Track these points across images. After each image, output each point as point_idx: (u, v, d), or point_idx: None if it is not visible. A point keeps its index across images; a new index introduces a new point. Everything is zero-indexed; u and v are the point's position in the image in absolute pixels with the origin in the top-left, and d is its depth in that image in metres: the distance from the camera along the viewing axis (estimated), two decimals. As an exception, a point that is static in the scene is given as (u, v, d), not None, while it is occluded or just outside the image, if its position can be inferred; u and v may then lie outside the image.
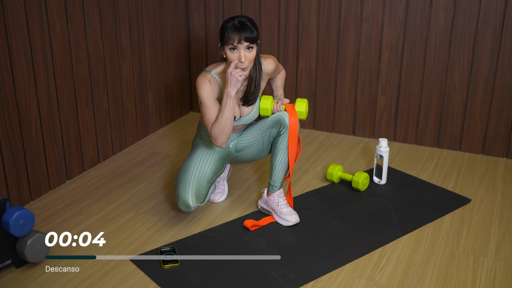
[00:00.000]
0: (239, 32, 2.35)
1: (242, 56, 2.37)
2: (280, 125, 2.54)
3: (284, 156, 2.55)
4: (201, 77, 2.46)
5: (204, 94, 2.43)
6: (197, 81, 2.46)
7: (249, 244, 2.43)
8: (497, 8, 3.09)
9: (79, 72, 2.93)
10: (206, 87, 2.43)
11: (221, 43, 2.42)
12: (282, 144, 2.55)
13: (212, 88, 2.45)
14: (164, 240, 2.46)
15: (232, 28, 2.37)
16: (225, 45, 2.38)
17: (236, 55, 2.38)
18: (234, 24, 2.38)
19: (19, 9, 2.53)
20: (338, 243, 2.44)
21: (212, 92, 2.45)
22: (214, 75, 2.48)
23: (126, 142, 3.40)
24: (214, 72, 2.49)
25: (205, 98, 2.43)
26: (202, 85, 2.44)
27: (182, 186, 2.48)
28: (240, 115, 2.60)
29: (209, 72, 2.48)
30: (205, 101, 2.44)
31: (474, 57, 3.22)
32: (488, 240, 2.49)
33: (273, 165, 2.59)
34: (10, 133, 2.59)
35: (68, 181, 2.98)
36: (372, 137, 3.60)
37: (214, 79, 2.47)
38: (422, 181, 3.02)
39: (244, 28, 2.36)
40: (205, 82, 2.44)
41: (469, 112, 3.33)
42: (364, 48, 3.43)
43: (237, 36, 2.35)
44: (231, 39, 2.36)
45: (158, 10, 3.49)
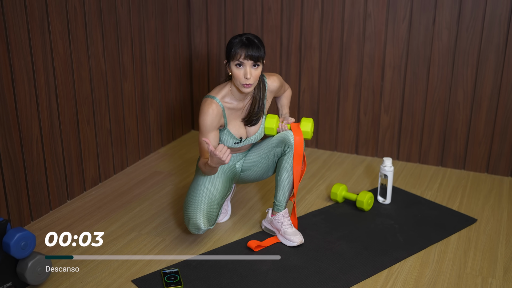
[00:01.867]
0: (246, 48, 2.34)
1: (248, 72, 2.35)
2: (285, 144, 2.52)
3: (289, 176, 2.53)
4: (206, 104, 2.43)
5: (205, 123, 2.42)
6: (202, 107, 2.43)
7: (253, 265, 2.39)
8: (500, 26, 3.09)
9: (81, 91, 2.91)
10: (209, 116, 2.41)
11: (227, 59, 2.40)
12: (286, 163, 2.52)
13: (215, 117, 2.42)
14: (167, 262, 2.42)
15: (240, 44, 2.36)
16: (231, 60, 2.37)
17: (242, 72, 2.36)
18: (241, 40, 2.37)
19: (21, 28, 2.52)
20: (344, 264, 2.41)
21: (214, 121, 2.43)
22: (219, 102, 2.44)
23: (128, 161, 3.37)
24: (219, 98, 2.45)
25: (205, 127, 2.42)
26: (205, 114, 2.41)
27: (193, 209, 2.46)
28: (247, 135, 2.58)
29: (214, 99, 2.44)
30: (204, 130, 2.43)
31: (478, 75, 3.21)
32: (496, 261, 2.45)
33: (278, 185, 2.56)
34: (11, 153, 2.56)
35: (69, 201, 2.95)
36: (375, 156, 3.58)
37: (219, 107, 2.43)
38: (427, 200, 2.99)
39: (251, 45, 2.35)
40: (209, 111, 2.41)
41: (473, 130, 3.31)
42: (367, 67, 3.43)
43: (244, 52, 2.34)
44: (238, 54, 2.35)
45: (160, 29, 3.49)
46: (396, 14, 3.28)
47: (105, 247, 2.52)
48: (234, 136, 2.54)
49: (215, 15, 3.71)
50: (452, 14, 3.16)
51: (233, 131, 2.53)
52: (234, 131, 2.53)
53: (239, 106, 2.51)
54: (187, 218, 2.46)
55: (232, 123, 2.53)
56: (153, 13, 3.40)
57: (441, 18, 3.19)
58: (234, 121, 2.53)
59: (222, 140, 2.54)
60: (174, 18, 3.62)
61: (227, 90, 2.48)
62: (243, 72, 2.36)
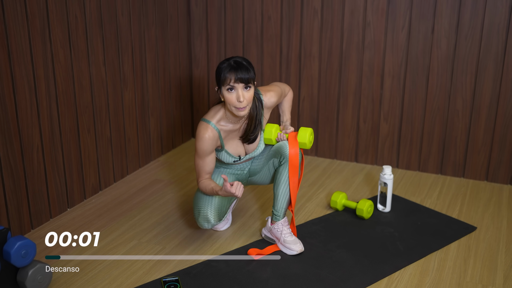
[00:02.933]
0: (235, 72, 2.33)
1: (240, 96, 2.34)
2: (280, 155, 2.53)
3: (286, 187, 2.53)
4: (202, 129, 2.44)
5: (202, 148, 2.44)
6: (198, 132, 2.45)
7: (253, 274, 2.40)
8: (499, 35, 3.11)
9: (81, 99, 2.92)
10: (205, 142, 2.43)
11: (218, 85, 2.40)
12: (282, 175, 2.53)
13: (211, 142, 2.44)
14: (167, 270, 2.42)
15: (228, 68, 2.34)
16: (222, 85, 2.36)
17: (234, 96, 2.34)
18: (229, 64, 2.35)
19: (22, 37, 2.53)
20: (344, 273, 2.41)
21: (211, 145, 2.45)
22: (214, 127, 2.45)
23: (128, 169, 3.38)
24: (214, 122, 2.46)
25: (202, 151, 2.45)
26: (201, 140, 2.43)
27: (204, 203, 2.52)
28: (245, 152, 2.60)
29: (209, 124, 2.45)
30: (200, 154, 2.46)
31: (477, 84, 3.23)
32: (496, 269, 2.46)
33: (276, 195, 2.56)
34: (12, 161, 2.57)
35: (69, 209, 2.95)
36: (375, 164, 3.58)
37: (214, 132, 2.45)
38: (426, 208, 3.00)
39: (240, 67, 2.33)
40: (204, 136, 2.43)
41: (472, 138, 3.32)
42: (366, 75, 3.44)
43: (234, 75, 2.32)
44: (228, 78, 2.33)
45: (161, 38, 3.51)
46: (395, 22, 3.29)
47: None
48: (232, 156, 2.56)
49: (215, 23, 3.73)
50: (451, 22, 3.18)
51: (231, 150, 2.55)
52: (232, 151, 2.56)
53: (235, 127, 2.51)
54: (197, 211, 2.52)
55: (229, 143, 2.54)
56: (154, 22, 3.41)
57: (440, 27, 3.21)
58: (231, 141, 2.55)
59: (221, 158, 2.57)
60: (174, 27, 3.64)
61: (222, 113, 2.47)
62: (235, 96, 2.34)
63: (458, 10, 3.16)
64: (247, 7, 3.60)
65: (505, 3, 3.06)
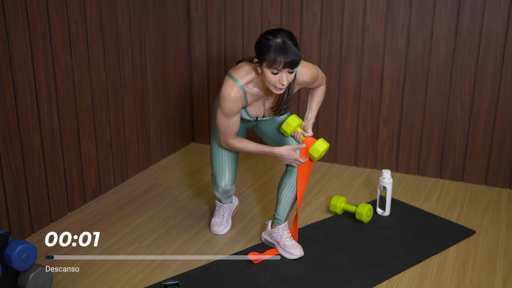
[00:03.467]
0: (285, 56, 2.14)
1: (284, 79, 2.19)
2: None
3: (290, 192, 2.53)
4: (228, 87, 2.30)
5: (229, 106, 2.31)
6: (223, 89, 2.30)
7: (253, 277, 2.40)
8: (497, 40, 3.12)
9: (82, 104, 2.94)
10: (231, 101, 2.30)
11: (259, 60, 2.21)
12: (289, 179, 2.51)
13: (237, 102, 2.31)
14: (167, 274, 2.43)
15: (278, 50, 2.14)
16: (266, 65, 2.18)
17: (277, 78, 2.20)
18: (279, 45, 2.15)
19: (24, 42, 2.55)
20: (343, 276, 2.42)
21: (237, 105, 2.32)
22: (241, 88, 2.30)
23: (128, 173, 3.39)
24: (243, 84, 2.31)
25: (228, 110, 2.32)
26: (228, 98, 2.29)
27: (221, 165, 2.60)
28: (264, 115, 2.50)
29: (237, 83, 2.30)
30: (226, 113, 2.32)
31: (475, 88, 3.24)
32: (494, 273, 2.47)
33: (279, 199, 2.57)
34: (13, 165, 2.58)
35: (69, 213, 2.96)
36: (374, 168, 3.60)
37: (241, 93, 2.30)
38: (425, 212, 3.01)
39: (290, 51, 2.14)
40: (230, 95, 2.29)
41: (471, 142, 3.33)
42: (366, 80, 3.45)
43: (283, 60, 2.14)
44: (277, 63, 2.15)
45: (161, 42, 3.52)
46: (394, 27, 3.31)
47: (105, 260, 2.53)
48: (250, 115, 2.45)
49: (215, 28, 3.74)
50: (450, 27, 3.20)
51: (251, 111, 2.43)
52: (252, 111, 2.44)
53: (260, 93, 2.38)
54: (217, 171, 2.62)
55: (252, 104, 2.41)
56: (154, 27, 3.43)
57: (439, 31, 3.23)
58: (254, 103, 2.41)
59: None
60: (175, 32, 3.65)
61: (253, 77, 2.32)
62: (278, 78, 2.20)
63: (457, 15, 3.18)
64: (247, 11, 3.62)
65: (503, 8, 3.07)
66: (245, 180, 3.40)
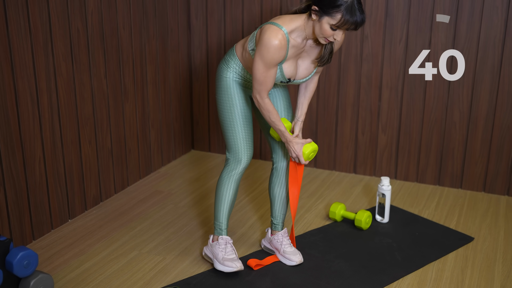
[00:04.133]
0: (354, 18, 2.07)
1: (340, 35, 2.13)
2: (277, 157, 2.54)
3: (280, 189, 2.56)
4: (272, 33, 2.15)
5: (272, 55, 2.16)
6: (266, 37, 2.15)
7: (253, 284, 2.42)
8: (495, 48, 3.15)
9: (83, 111, 2.96)
10: (276, 49, 2.15)
11: (322, 10, 2.09)
12: (277, 178, 2.55)
13: (279, 52, 2.17)
14: (168, 280, 2.45)
15: (349, 11, 2.06)
16: (330, 19, 2.08)
17: (333, 32, 2.12)
18: (351, 5, 2.06)
19: (25, 50, 2.57)
20: (343, 283, 2.43)
21: (280, 54, 2.18)
22: (286, 35, 2.17)
23: (128, 180, 3.41)
24: (288, 31, 2.18)
25: (270, 59, 2.17)
26: (272, 46, 2.14)
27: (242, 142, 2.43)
28: (295, 77, 2.35)
29: (282, 29, 2.16)
30: (268, 62, 2.18)
31: (473, 96, 3.27)
32: (493, 279, 2.48)
33: (272, 200, 2.60)
34: (14, 173, 2.60)
35: (70, 220, 2.97)
36: (373, 175, 3.61)
37: (285, 41, 2.17)
38: (424, 219, 3.02)
39: (359, 14, 2.07)
40: (275, 42, 2.14)
41: (469, 150, 3.35)
42: (365, 88, 3.48)
43: (351, 22, 2.07)
44: (346, 23, 2.07)
45: (161, 50, 3.55)
46: (393, 36, 3.34)
47: (106, 266, 2.55)
48: (284, 76, 2.30)
49: (215, 36, 3.77)
50: (448, 35, 3.23)
51: (286, 70, 2.29)
52: (286, 70, 2.29)
53: (301, 45, 2.25)
54: (236, 153, 2.45)
55: (289, 62, 2.28)
56: (154, 35, 3.46)
57: (437, 40, 3.25)
58: (291, 60, 2.28)
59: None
60: (175, 40, 3.68)
61: (300, 25, 2.20)
62: (334, 33, 2.12)
63: (455, 23, 3.21)
64: (246, 20, 3.65)
65: (500, 17, 3.10)
66: (245, 187, 3.42)
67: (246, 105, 2.43)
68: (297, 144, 2.36)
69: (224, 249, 2.46)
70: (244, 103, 2.42)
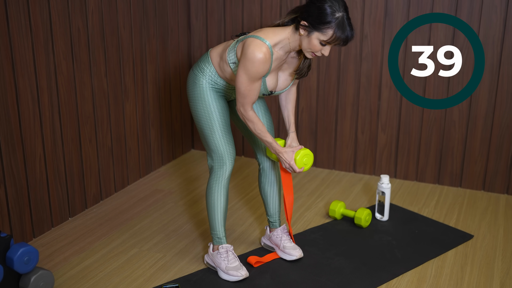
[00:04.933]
0: (345, 34, 2.10)
1: (327, 51, 2.15)
2: (262, 155, 2.55)
3: (271, 187, 2.58)
4: (257, 47, 2.14)
5: (257, 69, 2.16)
6: (250, 51, 2.15)
7: (252, 281, 2.42)
8: (494, 47, 3.16)
9: (83, 110, 2.97)
10: (260, 63, 2.14)
11: (311, 26, 2.10)
12: (266, 177, 2.57)
13: (264, 65, 2.16)
14: (168, 277, 2.45)
15: (340, 27, 2.08)
16: (319, 34, 2.10)
17: (321, 47, 2.14)
18: (341, 21, 2.08)
19: (26, 49, 2.58)
20: (342, 280, 2.43)
21: (264, 68, 2.18)
22: (270, 48, 2.17)
23: (129, 179, 3.42)
24: (271, 44, 2.17)
25: (255, 73, 2.17)
26: (257, 60, 2.14)
27: (225, 148, 2.40)
28: (276, 89, 2.36)
29: (266, 43, 2.16)
30: (252, 76, 2.17)
31: (473, 95, 3.27)
32: (492, 276, 2.48)
33: (264, 199, 2.61)
34: (15, 171, 2.61)
35: (70, 218, 2.98)
36: (373, 174, 3.62)
37: (269, 54, 2.17)
38: (424, 217, 3.03)
39: (348, 30, 2.11)
40: (260, 56, 2.14)
41: (469, 149, 3.36)
42: (364, 87, 3.49)
43: (341, 38, 2.10)
44: (336, 40, 2.10)
45: (161, 50, 3.56)
46: (392, 35, 3.35)
47: (106, 263, 2.55)
48: (266, 89, 2.32)
49: (215, 36, 3.78)
50: (447, 34, 3.24)
51: (269, 83, 2.30)
52: (269, 83, 2.31)
53: (283, 57, 2.27)
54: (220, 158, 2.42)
55: (271, 74, 2.29)
56: (154, 34, 3.47)
57: (436, 39, 3.26)
58: (273, 73, 2.30)
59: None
60: (175, 39, 3.69)
61: (283, 38, 2.20)
62: (322, 48, 2.14)
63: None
64: (246, 20, 3.66)
65: (499, 16, 3.11)
66: (244, 187, 3.43)
67: (223, 109, 2.40)
68: (287, 153, 2.34)
69: (226, 258, 2.43)
70: (221, 107, 2.39)
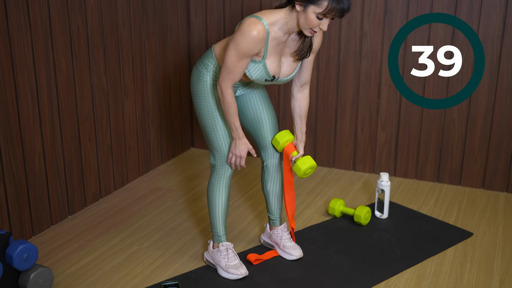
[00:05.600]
0: (340, 6, 2.06)
1: (325, 25, 2.10)
2: (267, 153, 2.52)
3: (274, 185, 2.56)
4: (250, 24, 2.10)
5: (246, 45, 2.11)
6: (244, 27, 2.11)
7: (252, 278, 2.42)
8: (493, 44, 3.16)
9: (83, 108, 2.97)
10: (251, 40, 2.10)
11: (308, 0, 2.07)
12: (268, 175, 2.55)
13: (255, 44, 2.12)
14: (167, 275, 2.45)
15: (337, 2, 2.05)
16: (315, 8, 2.07)
17: (319, 22, 2.09)
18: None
19: (26, 46, 2.58)
20: (342, 277, 2.43)
21: (255, 46, 2.13)
22: (266, 26, 2.13)
23: (128, 177, 3.42)
24: (268, 23, 2.14)
25: (244, 49, 2.12)
26: (248, 35, 2.10)
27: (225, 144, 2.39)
28: (279, 75, 2.31)
29: (261, 21, 2.12)
30: (241, 52, 2.13)
31: (472, 93, 3.27)
32: (492, 274, 2.48)
33: (266, 196, 2.60)
34: (14, 168, 2.61)
35: (70, 216, 2.98)
36: (373, 172, 3.62)
37: (264, 33, 2.12)
38: (423, 215, 3.03)
39: (344, 1, 2.07)
40: (253, 33, 2.09)
41: (468, 147, 3.36)
42: (364, 85, 3.49)
43: (337, 9, 2.05)
44: (331, 11, 2.05)
45: (161, 48, 3.56)
46: (392, 33, 3.35)
47: (105, 261, 2.55)
48: (268, 73, 2.25)
49: (215, 35, 3.78)
50: (446, 32, 3.24)
51: (270, 66, 2.24)
52: (270, 67, 2.24)
53: (283, 39, 2.21)
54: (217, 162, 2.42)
55: (272, 57, 2.23)
56: (154, 33, 3.47)
57: (435, 37, 3.26)
58: (273, 56, 2.23)
59: (252, 73, 2.25)
60: (175, 38, 3.69)
61: (280, 17, 2.16)
62: (320, 22, 2.10)
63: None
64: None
65: (499, 13, 3.11)
66: (244, 184, 3.43)
67: None
68: (244, 144, 2.30)
69: (226, 256, 2.43)
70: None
